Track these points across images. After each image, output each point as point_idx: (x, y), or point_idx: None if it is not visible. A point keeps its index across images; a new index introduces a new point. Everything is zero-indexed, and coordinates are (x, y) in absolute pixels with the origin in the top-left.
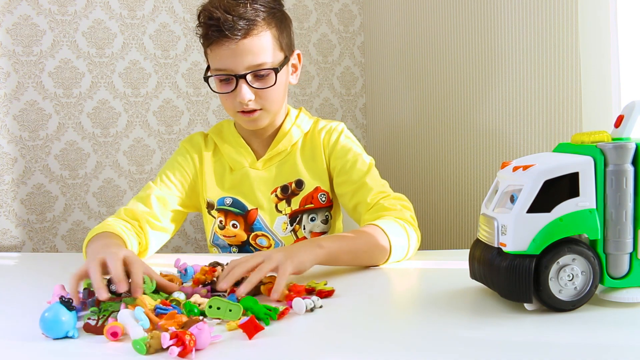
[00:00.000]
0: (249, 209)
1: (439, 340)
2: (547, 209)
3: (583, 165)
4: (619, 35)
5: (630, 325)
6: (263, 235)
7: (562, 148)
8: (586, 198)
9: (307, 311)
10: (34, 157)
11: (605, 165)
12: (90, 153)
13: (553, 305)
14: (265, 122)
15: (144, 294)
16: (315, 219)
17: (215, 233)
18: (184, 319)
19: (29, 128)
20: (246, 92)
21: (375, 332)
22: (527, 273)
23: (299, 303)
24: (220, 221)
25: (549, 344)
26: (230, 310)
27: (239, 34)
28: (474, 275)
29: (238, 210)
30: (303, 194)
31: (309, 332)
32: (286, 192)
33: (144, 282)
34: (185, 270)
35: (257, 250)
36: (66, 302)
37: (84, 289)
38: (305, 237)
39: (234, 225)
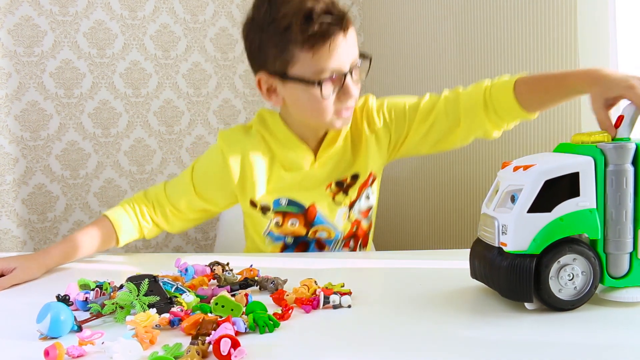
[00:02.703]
0: (307, 206)
1: (439, 340)
2: (548, 208)
3: (583, 165)
4: (618, 36)
5: (630, 325)
6: (323, 228)
7: (562, 148)
8: (586, 198)
9: (328, 307)
10: (35, 157)
11: (606, 165)
12: (91, 153)
13: (553, 305)
14: (351, 118)
15: (122, 307)
16: (361, 198)
17: (271, 230)
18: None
19: (30, 128)
20: (353, 88)
21: (375, 332)
22: (527, 272)
23: (327, 297)
24: (277, 222)
25: (550, 344)
26: (232, 310)
27: (348, 23)
28: (474, 274)
29: (296, 209)
30: (359, 183)
31: (309, 332)
32: (341, 187)
33: (130, 291)
34: (186, 270)
35: (315, 241)
36: (63, 300)
37: (92, 289)
38: (358, 220)
39: (292, 224)
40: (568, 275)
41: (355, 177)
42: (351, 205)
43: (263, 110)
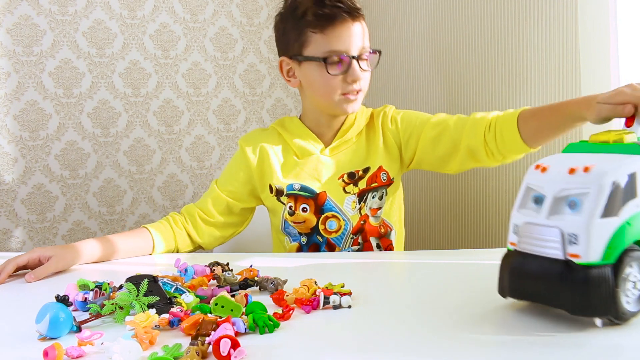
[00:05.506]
0: (318, 192)
1: (439, 340)
2: (615, 212)
3: (639, 164)
4: (619, 36)
5: None
6: (333, 216)
7: (573, 148)
8: None
9: (328, 307)
10: (34, 157)
11: None
12: (90, 153)
13: (623, 318)
14: (360, 105)
15: (121, 307)
16: (375, 196)
17: (286, 220)
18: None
19: (29, 128)
20: (360, 72)
21: (375, 332)
22: (609, 284)
23: (327, 297)
24: (290, 207)
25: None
26: (232, 310)
27: (358, 16)
28: (518, 293)
29: (308, 194)
30: (369, 174)
31: (309, 333)
32: (353, 178)
33: (129, 292)
34: (186, 270)
35: (325, 237)
36: (62, 301)
37: (91, 289)
38: (367, 215)
39: (303, 210)
40: (631, 283)
41: (366, 170)
42: (360, 195)
43: (285, 117)
